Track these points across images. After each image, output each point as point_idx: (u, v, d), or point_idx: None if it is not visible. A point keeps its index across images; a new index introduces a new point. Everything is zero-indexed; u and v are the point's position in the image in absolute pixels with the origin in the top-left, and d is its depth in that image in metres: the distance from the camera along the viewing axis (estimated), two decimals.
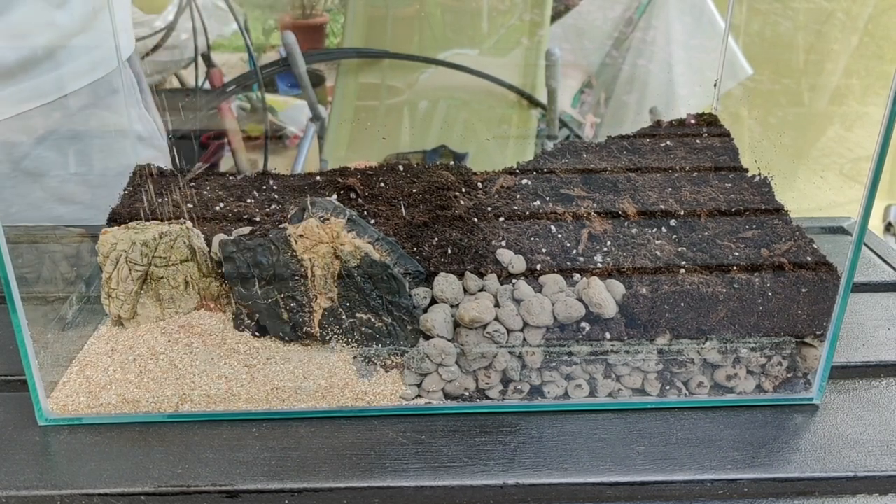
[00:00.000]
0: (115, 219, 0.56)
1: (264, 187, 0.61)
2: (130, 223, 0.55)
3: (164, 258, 0.52)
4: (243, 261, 0.50)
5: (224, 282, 0.53)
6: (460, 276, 0.50)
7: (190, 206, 0.60)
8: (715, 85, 0.70)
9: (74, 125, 0.80)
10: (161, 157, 0.78)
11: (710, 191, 0.57)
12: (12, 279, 0.45)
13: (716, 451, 0.47)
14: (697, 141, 0.63)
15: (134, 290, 0.52)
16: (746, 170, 0.60)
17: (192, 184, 0.63)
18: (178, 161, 0.73)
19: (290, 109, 1.56)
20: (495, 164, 0.61)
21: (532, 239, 0.52)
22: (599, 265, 0.50)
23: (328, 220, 0.50)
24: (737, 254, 0.51)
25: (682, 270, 0.50)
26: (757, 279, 0.49)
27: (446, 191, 0.56)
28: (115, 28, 0.71)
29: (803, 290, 0.49)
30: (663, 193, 0.56)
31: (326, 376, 0.50)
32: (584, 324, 0.49)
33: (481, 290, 0.49)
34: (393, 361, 0.50)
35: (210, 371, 0.50)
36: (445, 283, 0.49)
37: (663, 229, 0.54)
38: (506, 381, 0.50)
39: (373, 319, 0.50)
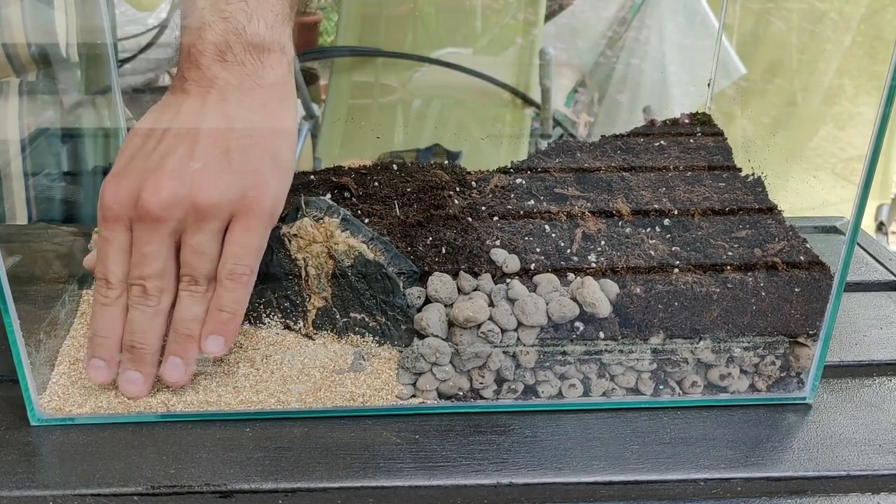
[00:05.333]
0: None
1: None
2: None
3: None
4: None
5: None
6: (454, 275, 0.50)
7: None
8: (708, 84, 0.70)
9: (67, 123, 0.80)
10: None
11: (703, 190, 0.57)
12: (4, 278, 0.44)
13: (709, 450, 0.48)
14: (691, 140, 0.63)
15: None
16: (740, 169, 0.60)
17: None
18: None
19: None
20: (489, 164, 0.61)
21: (526, 238, 0.52)
22: (593, 265, 0.50)
23: (322, 219, 0.50)
24: (730, 253, 0.51)
25: (676, 270, 0.50)
26: (750, 279, 0.49)
27: (440, 190, 0.56)
28: (108, 25, 0.71)
29: (796, 290, 0.49)
30: (657, 193, 0.56)
31: (320, 376, 0.50)
32: (578, 323, 0.49)
33: (475, 289, 0.49)
34: (388, 361, 0.50)
35: (203, 370, 0.50)
36: (440, 283, 0.49)
37: (657, 229, 0.54)
38: (500, 381, 0.50)
39: (367, 319, 0.50)
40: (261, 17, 0.47)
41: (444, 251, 0.51)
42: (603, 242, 0.52)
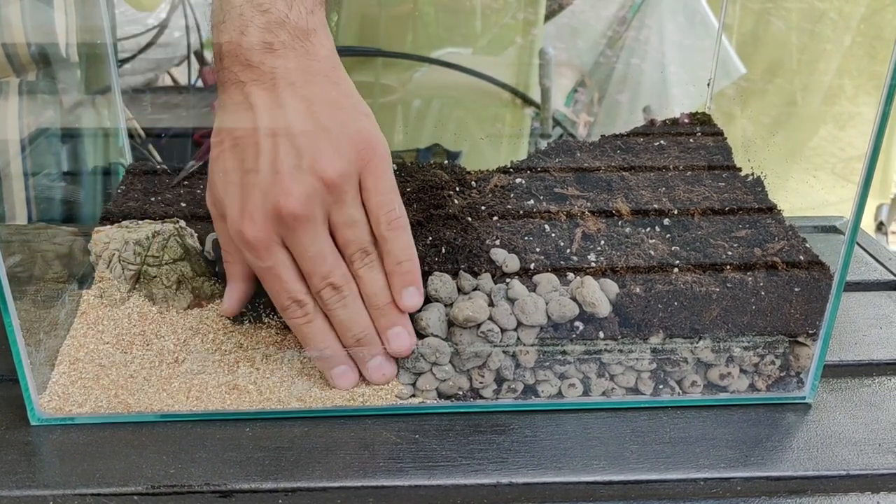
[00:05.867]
0: (108, 217, 0.56)
1: None
2: (123, 222, 0.55)
3: (157, 257, 0.52)
4: None
5: (217, 281, 0.53)
6: (454, 275, 0.50)
7: (183, 204, 0.60)
8: (708, 84, 0.70)
9: (67, 123, 0.80)
10: None
11: (703, 190, 0.57)
12: (4, 278, 0.44)
13: (709, 449, 0.48)
14: (691, 140, 0.63)
15: (127, 290, 0.52)
16: (740, 169, 0.60)
17: (185, 182, 0.63)
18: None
19: None
20: (489, 163, 0.61)
21: (526, 238, 0.52)
22: (593, 264, 0.50)
23: None
24: (730, 253, 0.51)
25: (676, 270, 0.50)
26: (750, 278, 0.49)
27: (440, 190, 0.56)
28: (108, 25, 0.71)
29: (796, 290, 0.49)
30: (657, 193, 0.56)
31: (320, 376, 0.50)
32: (577, 323, 0.49)
33: (475, 289, 0.49)
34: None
35: (203, 370, 0.50)
36: (439, 283, 0.49)
37: (657, 228, 0.54)
38: (500, 381, 0.50)
39: None
40: (301, 3, 0.46)
41: (443, 251, 0.51)
42: (603, 242, 0.52)
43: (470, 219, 0.53)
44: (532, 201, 0.55)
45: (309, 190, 0.44)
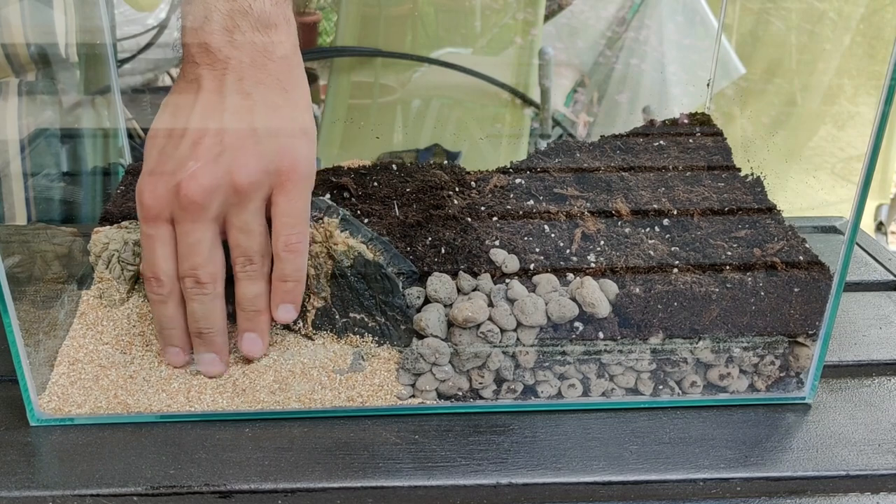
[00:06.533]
0: (108, 218, 0.56)
1: None
2: (123, 222, 0.55)
3: None
4: None
5: None
6: (454, 275, 0.50)
7: None
8: (708, 84, 0.70)
9: (66, 123, 0.80)
10: None
11: (702, 190, 0.57)
12: (3, 279, 0.44)
13: (708, 450, 0.48)
14: (690, 140, 0.63)
15: (126, 290, 0.52)
16: (739, 169, 0.60)
17: None
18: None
19: None
20: (488, 164, 0.61)
21: (525, 238, 0.52)
22: (593, 265, 0.50)
23: (321, 219, 0.50)
24: (729, 253, 0.51)
25: (675, 270, 0.50)
26: (749, 279, 0.49)
27: (440, 190, 0.56)
28: (107, 25, 0.71)
29: (796, 290, 0.49)
30: (656, 193, 0.56)
31: (320, 376, 0.50)
32: (577, 323, 0.49)
33: (475, 289, 0.49)
34: (387, 361, 0.50)
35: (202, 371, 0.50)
36: (439, 283, 0.49)
37: (656, 229, 0.54)
38: (499, 381, 0.50)
39: (366, 319, 0.50)
40: None
41: (443, 251, 0.51)
42: (602, 242, 0.52)
43: (469, 219, 0.53)
44: (532, 202, 0.55)
45: (214, 184, 0.45)
